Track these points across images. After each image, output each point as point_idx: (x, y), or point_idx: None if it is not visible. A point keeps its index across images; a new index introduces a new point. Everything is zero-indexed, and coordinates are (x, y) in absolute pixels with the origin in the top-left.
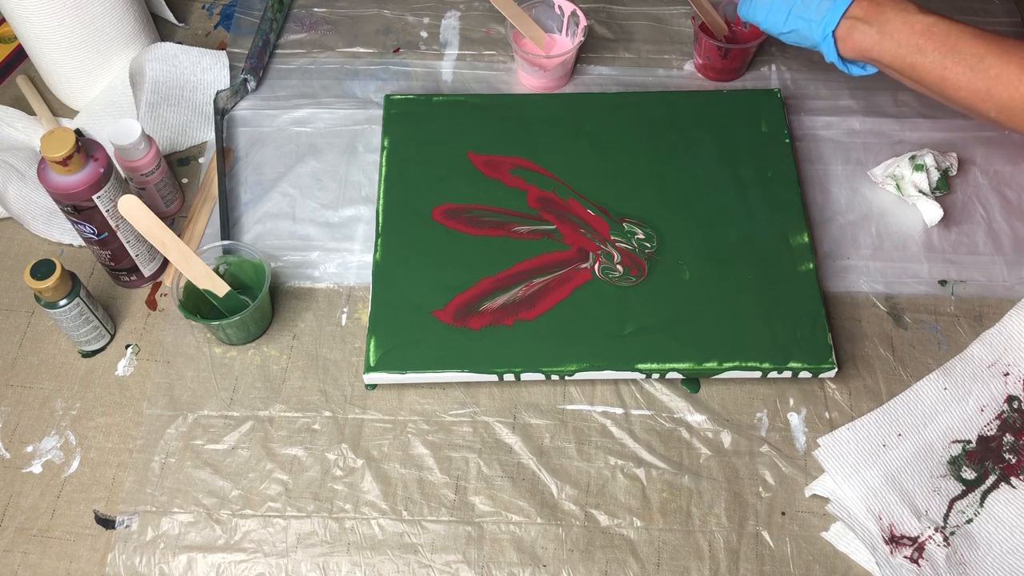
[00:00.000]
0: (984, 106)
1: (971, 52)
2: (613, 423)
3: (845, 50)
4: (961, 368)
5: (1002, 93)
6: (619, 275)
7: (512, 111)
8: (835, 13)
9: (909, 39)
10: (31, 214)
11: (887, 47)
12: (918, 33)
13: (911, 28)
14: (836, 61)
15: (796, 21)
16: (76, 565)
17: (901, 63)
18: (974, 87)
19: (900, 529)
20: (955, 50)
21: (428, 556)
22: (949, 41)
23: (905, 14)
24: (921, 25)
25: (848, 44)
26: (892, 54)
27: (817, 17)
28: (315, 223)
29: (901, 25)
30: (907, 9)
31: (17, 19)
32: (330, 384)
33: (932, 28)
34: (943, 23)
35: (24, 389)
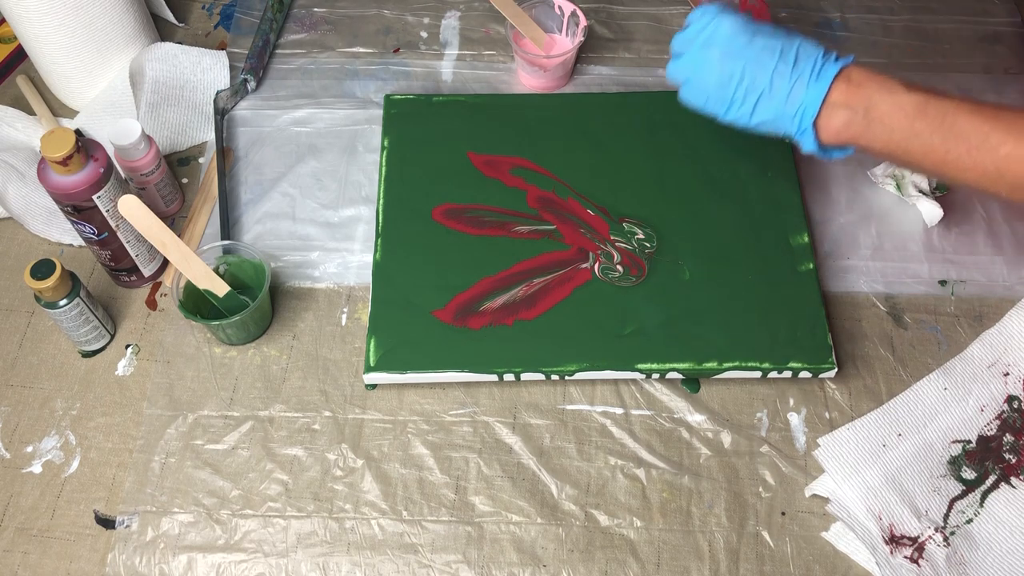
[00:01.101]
0: (994, 187)
1: (973, 130)
2: (613, 423)
3: (827, 139)
4: (961, 368)
5: (1015, 172)
6: (619, 275)
7: (512, 111)
8: (813, 102)
9: (901, 123)
10: (31, 214)
11: (877, 133)
12: (910, 115)
13: (902, 110)
14: (814, 150)
15: (765, 113)
16: (76, 565)
17: (895, 148)
18: (982, 168)
19: (900, 529)
20: (954, 130)
21: (428, 556)
22: (946, 121)
23: (892, 95)
24: (912, 106)
25: (830, 133)
26: (883, 140)
27: (791, 108)
28: (315, 223)
29: (890, 108)
30: (893, 89)
31: (17, 19)
32: (330, 384)
33: (925, 107)
34: (935, 100)
35: (24, 389)
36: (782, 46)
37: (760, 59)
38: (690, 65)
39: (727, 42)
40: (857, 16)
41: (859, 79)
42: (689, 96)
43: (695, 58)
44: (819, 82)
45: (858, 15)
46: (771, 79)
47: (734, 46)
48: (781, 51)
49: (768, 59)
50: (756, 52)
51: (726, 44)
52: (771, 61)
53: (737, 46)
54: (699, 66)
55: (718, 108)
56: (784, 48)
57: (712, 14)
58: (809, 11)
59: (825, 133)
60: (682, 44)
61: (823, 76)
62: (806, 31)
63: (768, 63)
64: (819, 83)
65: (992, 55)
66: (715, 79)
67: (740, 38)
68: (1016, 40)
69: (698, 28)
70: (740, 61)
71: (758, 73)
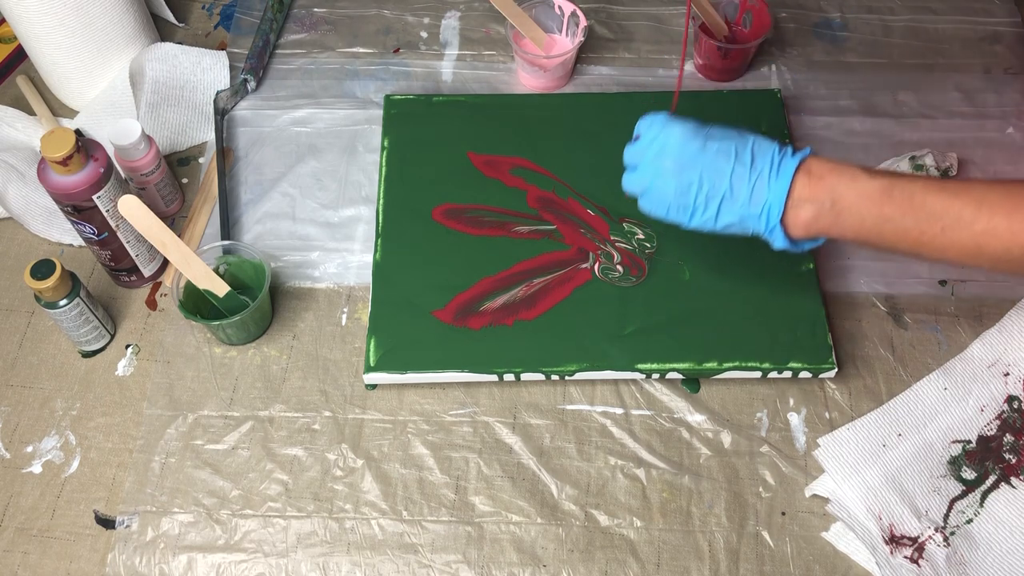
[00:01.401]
0: (976, 262)
1: (943, 209)
2: (613, 423)
3: (797, 234)
4: (961, 368)
5: (995, 247)
6: (619, 275)
7: (512, 111)
8: (777, 200)
9: (870, 210)
10: (31, 214)
11: (848, 223)
12: (877, 201)
13: (868, 198)
14: (786, 247)
15: (729, 216)
16: (76, 565)
17: (868, 235)
18: (960, 246)
19: (900, 529)
20: (925, 210)
21: (428, 556)
22: (915, 202)
23: (855, 183)
24: (877, 191)
25: (798, 228)
26: (855, 229)
27: (755, 209)
28: (315, 223)
29: (856, 197)
30: (855, 176)
31: (17, 19)
32: (330, 384)
33: (891, 191)
34: (900, 182)
35: (24, 389)
36: (736, 147)
37: (716, 164)
38: (646, 177)
39: (679, 151)
40: (857, 16)
41: (819, 171)
42: (649, 207)
43: (650, 170)
44: (779, 179)
45: (858, 15)
46: (730, 182)
47: (687, 154)
48: (736, 152)
49: (724, 163)
50: (711, 157)
51: (679, 153)
52: (727, 164)
53: (690, 153)
54: (655, 177)
55: (681, 217)
56: (738, 148)
57: (661, 124)
58: (809, 11)
59: (794, 229)
60: (634, 156)
61: (783, 173)
62: (806, 31)
63: (724, 167)
64: (780, 180)
65: (992, 55)
66: (673, 189)
67: (692, 145)
68: (1016, 40)
69: (648, 139)
70: (696, 169)
71: (716, 178)
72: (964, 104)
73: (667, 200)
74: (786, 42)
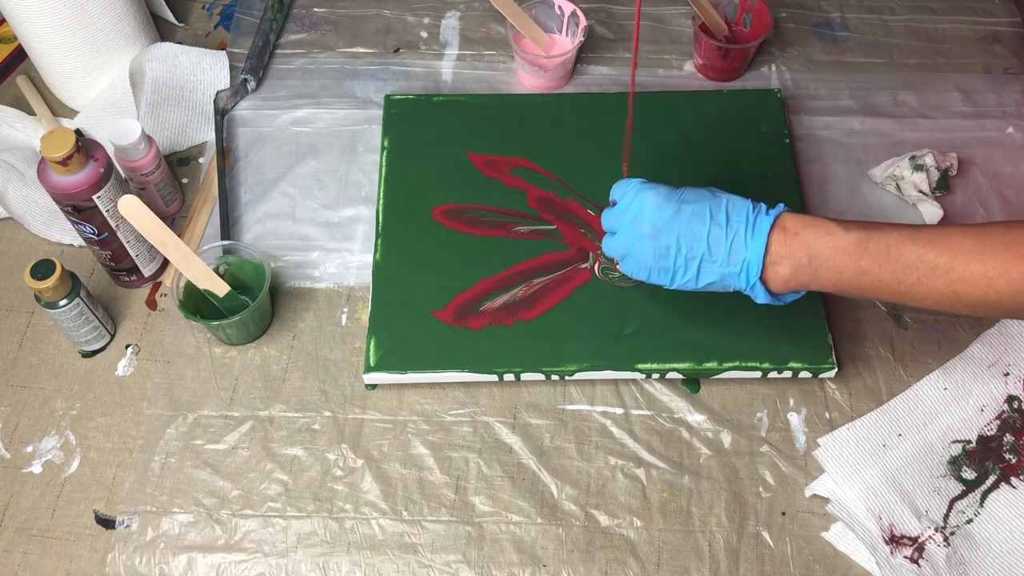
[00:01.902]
0: (955, 309)
1: (919, 260)
2: (613, 423)
3: (776, 288)
4: (961, 368)
5: (972, 294)
6: (619, 275)
7: (512, 111)
8: (755, 259)
9: (846, 263)
10: (31, 214)
11: (826, 277)
12: (854, 255)
13: (844, 252)
14: (768, 301)
15: (710, 276)
16: (76, 565)
17: (847, 287)
18: (937, 294)
19: (900, 529)
20: (901, 262)
21: (428, 556)
22: (891, 254)
23: (831, 237)
24: (853, 245)
25: (778, 283)
26: (834, 282)
27: (734, 268)
28: (315, 223)
29: (832, 252)
30: (830, 231)
31: (17, 19)
32: (330, 384)
33: (867, 244)
34: (875, 235)
35: (24, 389)
36: (710, 208)
37: (692, 226)
38: (625, 243)
39: (654, 216)
40: (857, 16)
41: (794, 227)
42: (631, 270)
43: (628, 236)
44: (755, 238)
45: (858, 15)
46: (708, 244)
47: (662, 218)
48: (711, 213)
49: (699, 225)
50: (686, 220)
51: (654, 218)
52: (703, 226)
53: (665, 218)
54: (633, 243)
55: (663, 278)
56: (713, 209)
57: (635, 189)
58: (809, 11)
59: (774, 284)
60: (612, 222)
61: (758, 231)
62: (806, 31)
63: (700, 229)
64: (756, 239)
65: (992, 55)
66: (652, 253)
67: (666, 210)
68: (1016, 40)
69: (624, 206)
70: (672, 233)
71: (693, 241)
72: (964, 104)
73: (647, 264)
74: (786, 42)
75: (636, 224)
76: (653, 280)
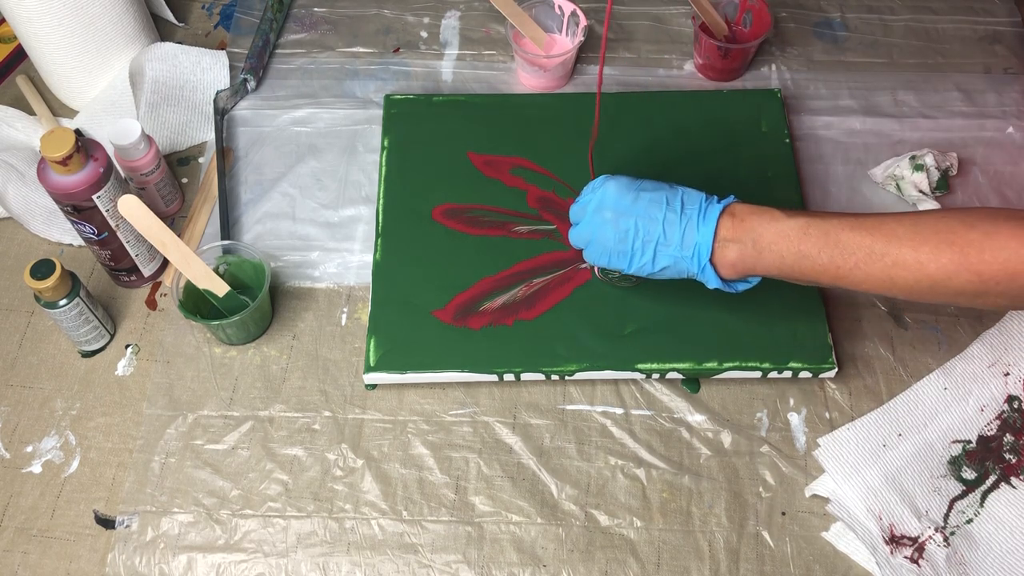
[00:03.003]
0: (891, 293)
1: (857, 245)
2: (613, 423)
3: (725, 273)
4: (961, 368)
5: (905, 278)
6: (619, 276)
7: (512, 111)
8: (705, 241)
9: (788, 247)
10: (31, 214)
11: (769, 260)
12: (795, 240)
13: (786, 236)
14: (719, 286)
15: (664, 259)
16: (76, 565)
17: (789, 271)
18: (874, 279)
19: (900, 529)
20: (839, 247)
21: (428, 556)
22: (830, 239)
23: (775, 223)
24: (794, 230)
25: (726, 267)
26: (777, 265)
27: (687, 252)
28: (315, 223)
29: (775, 236)
30: (775, 217)
31: (17, 19)
32: (330, 384)
33: (808, 230)
34: (817, 221)
35: (24, 389)
36: (667, 196)
37: (649, 212)
38: (588, 229)
39: (616, 202)
40: (857, 16)
41: (742, 214)
42: (593, 257)
43: (591, 222)
44: (706, 222)
45: (858, 15)
46: (663, 228)
47: (623, 204)
48: (667, 201)
49: (656, 211)
50: (644, 206)
51: (615, 204)
52: (659, 212)
53: (625, 204)
54: (596, 228)
55: (621, 262)
56: (669, 198)
57: (599, 182)
58: (809, 11)
59: (723, 268)
60: (577, 213)
61: (709, 216)
62: (806, 31)
63: (657, 214)
64: (706, 223)
65: (992, 55)
66: (612, 237)
67: (627, 196)
68: (1016, 40)
69: (589, 195)
70: (631, 217)
71: (650, 225)
72: (964, 104)
73: (608, 247)
74: (786, 42)
75: (599, 210)
76: (613, 264)
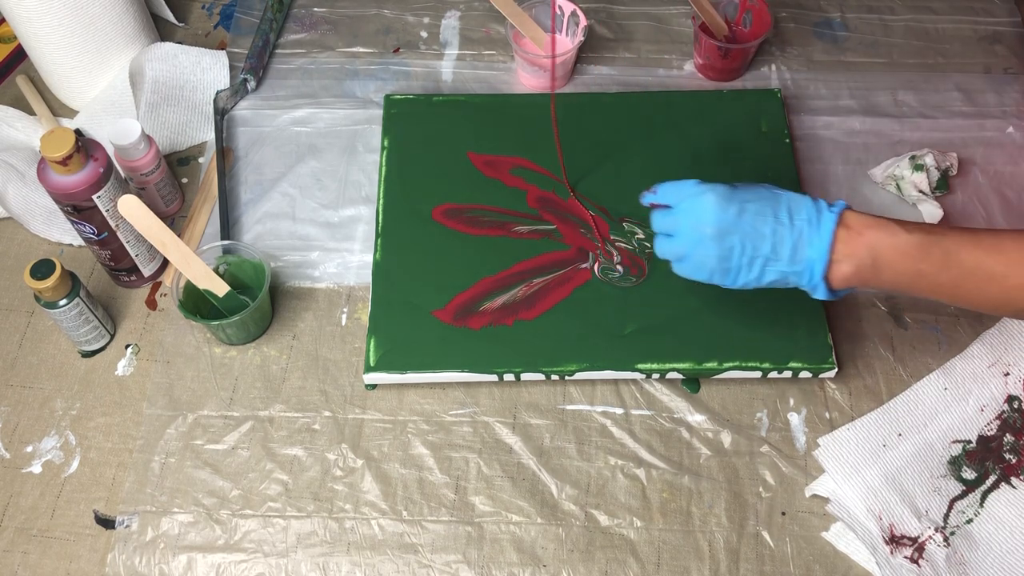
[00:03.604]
0: (1003, 312)
1: (977, 266)
2: (613, 423)
3: (836, 286)
4: (961, 368)
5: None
6: (619, 275)
7: (512, 111)
8: (820, 258)
9: (907, 266)
10: (31, 214)
11: (886, 277)
12: (915, 258)
13: (906, 254)
14: (826, 297)
15: (772, 275)
16: (76, 565)
17: (904, 287)
18: (992, 301)
19: (900, 529)
20: (960, 267)
21: (428, 556)
22: (951, 260)
23: (893, 238)
24: (915, 248)
25: (838, 281)
26: (892, 282)
27: (798, 267)
28: (315, 223)
29: (894, 253)
30: (893, 232)
31: (17, 19)
32: (330, 384)
33: (928, 248)
34: (936, 238)
35: (24, 389)
36: (773, 208)
37: (755, 227)
38: (683, 245)
39: (717, 217)
40: (857, 16)
41: (857, 226)
42: (688, 272)
43: (688, 238)
44: (820, 236)
45: (858, 15)
46: (772, 244)
47: (725, 219)
48: (774, 213)
49: (763, 225)
50: (750, 220)
51: (717, 220)
52: (767, 226)
53: (728, 219)
54: (694, 245)
55: (723, 280)
56: (775, 208)
57: (691, 192)
58: (809, 11)
59: (834, 282)
60: (667, 225)
61: (823, 230)
62: (806, 31)
63: (765, 229)
64: (820, 237)
65: (992, 55)
66: (715, 255)
67: (729, 210)
68: (1016, 40)
69: (683, 208)
70: (736, 233)
71: (758, 242)
72: (964, 104)
73: (709, 266)
74: (786, 42)
75: (697, 226)
76: (713, 280)
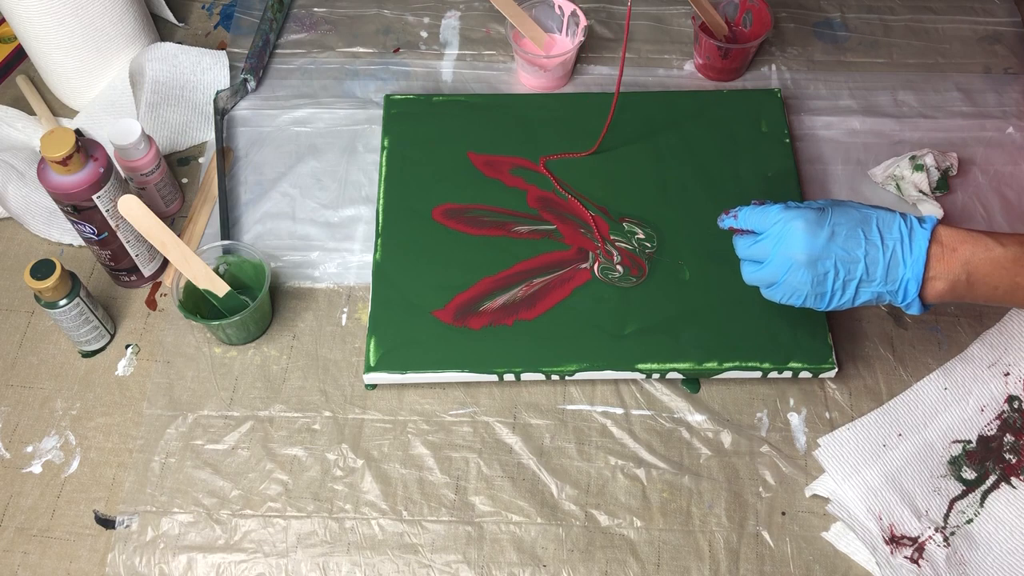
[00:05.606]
0: None
1: None
2: (613, 423)
3: (930, 300)
4: (961, 368)
5: None
6: (619, 275)
7: (512, 111)
8: (915, 277)
9: (1003, 279)
10: (31, 214)
11: (980, 291)
12: (1011, 271)
13: (1002, 268)
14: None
15: (866, 295)
16: (76, 565)
17: (999, 300)
18: None
19: (900, 529)
20: None
21: (428, 556)
22: None
23: (988, 253)
24: (1010, 262)
25: (933, 297)
26: (987, 296)
27: (892, 286)
28: (315, 223)
29: (990, 268)
30: (987, 246)
31: (17, 19)
32: (330, 384)
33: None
34: None
35: (24, 389)
36: (863, 229)
37: (848, 250)
38: (776, 272)
39: (808, 244)
40: (857, 16)
41: (951, 242)
42: (781, 298)
43: (779, 265)
44: (914, 255)
45: (858, 15)
46: (865, 265)
47: (816, 246)
48: (865, 234)
49: (855, 247)
50: (842, 244)
51: (808, 247)
52: (859, 249)
53: (819, 245)
54: (787, 271)
55: (818, 304)
56: (865, 229)
57: (778, 217)
58: (809, 11)
59: (929, 298)
60: (756, 252)
61: (916, 249)
62: (806, 31)
63: (857, 251)
64: (914, 256)
65: (992, 55)
66: (808, 281)
67: (819, 235)
68: (1016, 40)
69: (772, 236)
70: (829, 259)
71: (851, 265)
72: (964, 104)
73: (803, 291)
74: (786, 42)
75: (789, 254)
76: (807, 305)
